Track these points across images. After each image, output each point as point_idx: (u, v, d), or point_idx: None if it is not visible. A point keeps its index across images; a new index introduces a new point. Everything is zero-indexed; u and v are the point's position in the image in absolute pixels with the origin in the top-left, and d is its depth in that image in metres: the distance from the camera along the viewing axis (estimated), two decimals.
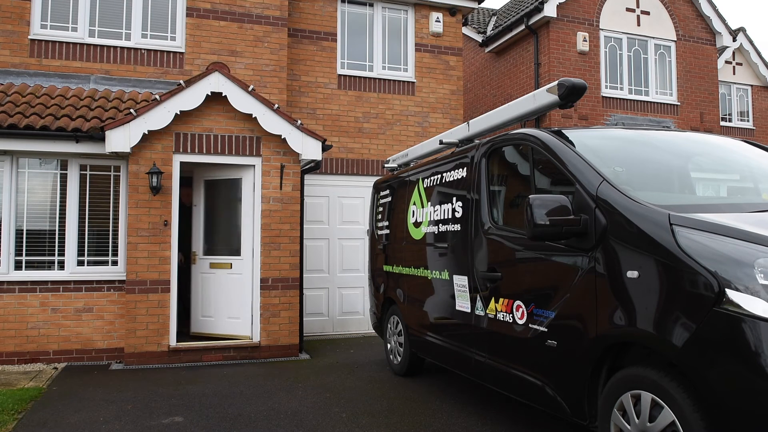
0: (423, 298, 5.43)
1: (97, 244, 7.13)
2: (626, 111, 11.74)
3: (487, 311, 4.18)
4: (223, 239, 7.47)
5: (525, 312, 3.72)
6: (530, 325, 3.65)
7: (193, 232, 7.69)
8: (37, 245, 6.96)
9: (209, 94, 6.93)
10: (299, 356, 7.24)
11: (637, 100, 11.90)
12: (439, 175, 5.26)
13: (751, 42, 14.79)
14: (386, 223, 6.54)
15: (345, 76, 9.49)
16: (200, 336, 7.37)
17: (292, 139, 7.17)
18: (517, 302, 3.82)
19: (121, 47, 8.05)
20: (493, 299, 4.12)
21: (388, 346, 6.48)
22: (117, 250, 7.15)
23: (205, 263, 7.47)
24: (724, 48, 13.91)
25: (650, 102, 12.00)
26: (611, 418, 3.00)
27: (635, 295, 2.87)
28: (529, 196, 3.23)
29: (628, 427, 2.87)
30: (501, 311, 4.01)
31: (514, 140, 4.16)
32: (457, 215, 4.76)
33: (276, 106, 7.18)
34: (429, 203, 5.38)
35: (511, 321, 3.88)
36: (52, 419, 4.70)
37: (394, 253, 6.24)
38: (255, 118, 7.06)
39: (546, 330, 3.50)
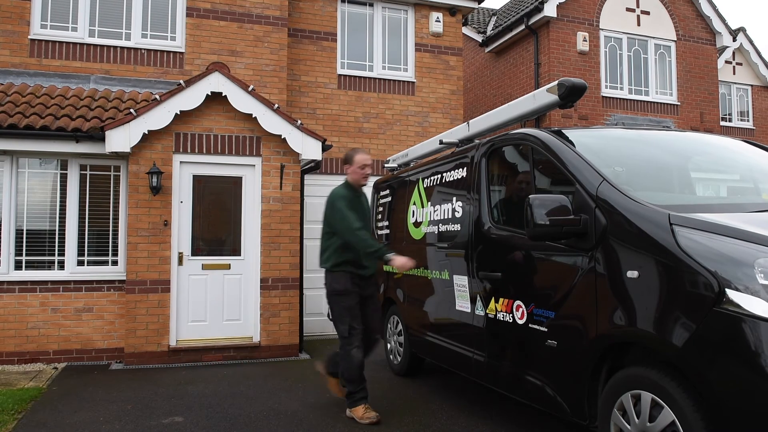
0: (423, 298, 5.43)
1: (97, 244, 7.13)
2: (626, 111, 11.74)
3: (487, 311, 4.18)
4: (222, 239, 7.45)
5: (525, 312, 3.72)
6: (530, 325, 3.64)
7: (180, 230, 7.11)
8: (37, 245, 6.96)
9: (209, 94, 6.93)
10: (299, 356, 7.24)
11: (637, 100, 11.90)
12: (439, 175, 5.26)
13: (751, 42, 14.80)
14: (386, 223, 6.53)
15: (345, 76, 9.49)
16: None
17: (292, 139, 7.17)
18: (517, 302, 3.82)
19: (121, 47, 8.05)
20: (493, 299, 4.12)
21: (388, 346, 6.47)
22: (117, 250, 7.15)
23: (196, 264, 7.07)
24: (724, 48, 13.92)
25: (650, 102, 12.00)
26: (611, 418, 2.99)
27: (635, 295, 2.87)
28: (529, 196, 3.23)
29: (628, 427, 2.87)
30: (501, 311, 4.01)
31: (514, 140, 4.16)
32: (457, 215, 4.76)
33: (276, 106, 7.18)
34: (429, 203, 5.37)
35: (511, 321, 3.88)
36: (52, 419, 4.70)
37: None
38: (255, 118, 7.06)
39: (546, 330, 3.49)
